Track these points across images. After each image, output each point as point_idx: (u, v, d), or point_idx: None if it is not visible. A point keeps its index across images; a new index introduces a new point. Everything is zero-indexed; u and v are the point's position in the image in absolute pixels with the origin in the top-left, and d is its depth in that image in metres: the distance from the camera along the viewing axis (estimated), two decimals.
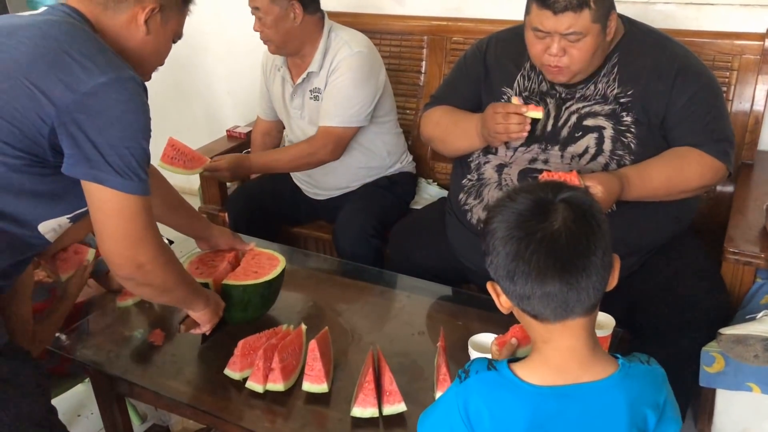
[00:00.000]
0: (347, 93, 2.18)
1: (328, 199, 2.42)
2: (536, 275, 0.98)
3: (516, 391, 1.03)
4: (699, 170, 1.72)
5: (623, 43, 1.78)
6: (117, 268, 1.31)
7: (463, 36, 2.53)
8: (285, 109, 2.38)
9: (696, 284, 1.75)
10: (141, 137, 1.25)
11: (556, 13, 1.61)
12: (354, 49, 2.21)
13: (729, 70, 2.16)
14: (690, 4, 2.26)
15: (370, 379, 1.42)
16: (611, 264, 1.02)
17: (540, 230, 0.98)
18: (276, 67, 2.38)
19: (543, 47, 1.69)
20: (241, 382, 1.52)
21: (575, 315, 1.01)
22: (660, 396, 1.08)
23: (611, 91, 1.76)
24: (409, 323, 1.74)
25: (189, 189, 3.59)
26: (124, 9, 1.33)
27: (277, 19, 2.16)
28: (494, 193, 1.86)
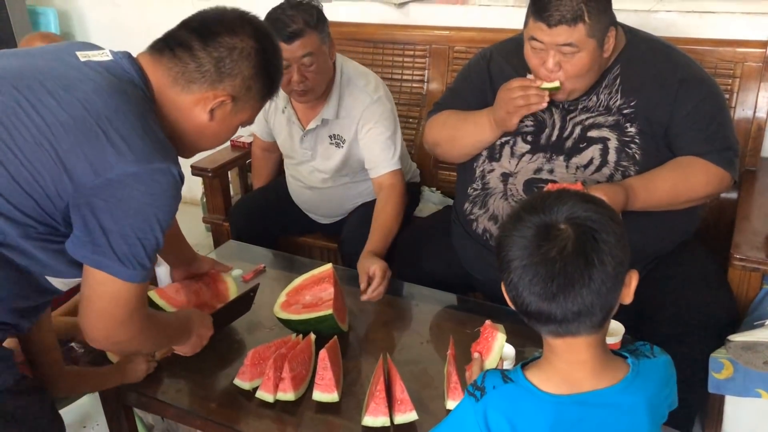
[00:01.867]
0: (385, 140, 2.13)
1: (333, 222, 2.42)
2: (532, 299, 1.00)
3: (536, 401, 1.04)
4: (704, 179, 1.73)
5: (625, 54, 1.78)
6: (92, 341, 1.27)
7: (466, 45, 2.54)
8: (291, 148, 2.31)
9: (703, 291, 1.75)
10: (158, 229, 1.19)
11: (551, 26, 1.62)
12: (373, 96, 2.14)
13: (731, 78, 2.17)
14: (692, 12, 2.27)
15: (381, 387, 1.42)
16: (622, 281, 1.02)
17: (538, 255, 0.99)
18: (279, 106, 2.28)
19: (539, 61, 1.70)
20: (251, 391, 1.52)
21: (579, 334, 1.02)
22: (672, 390, 1.12)
23: (614, 102, 1.77)
24: (417, 332, 1.74)
25: (191, 199, 3.59)
26: (195, 91, 1.27)
27: (327, 62, 2.07)
28: (499, 203, 1.87)
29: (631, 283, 1.04)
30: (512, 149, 1.86)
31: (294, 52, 1.98)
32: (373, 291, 1.77)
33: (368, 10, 2.80)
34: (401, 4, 2.72)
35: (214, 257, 2.19)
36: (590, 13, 1.61)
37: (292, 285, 1.79)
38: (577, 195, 1.05)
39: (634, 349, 1.13)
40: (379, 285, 1.78)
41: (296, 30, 1.96)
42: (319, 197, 2.37)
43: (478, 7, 2.60)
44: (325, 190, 2.34)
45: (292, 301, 1.73)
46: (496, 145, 1.88)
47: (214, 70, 1.27)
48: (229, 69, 1.27)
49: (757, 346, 1.56)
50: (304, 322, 1.66)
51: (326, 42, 2.06)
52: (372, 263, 1.83)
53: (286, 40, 1.95)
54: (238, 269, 2.03)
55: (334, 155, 2.24)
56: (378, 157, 2.14)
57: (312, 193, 2.37)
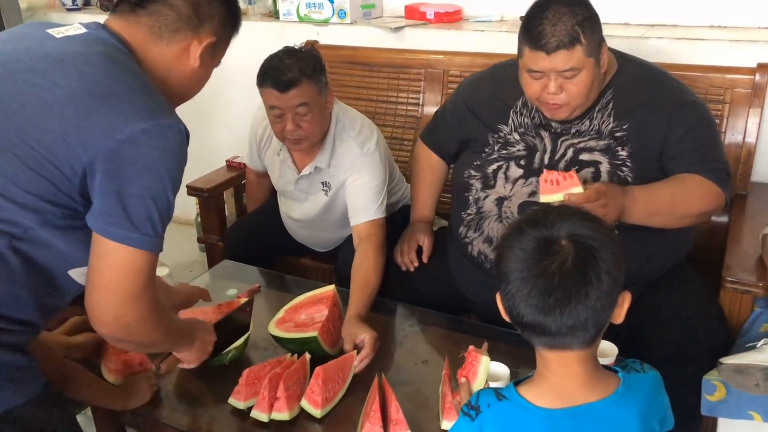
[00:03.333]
0: (371, 189, 2.08)
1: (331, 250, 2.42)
2: (529, 311, 1.02)
3: (530, 416, 1.05)
4: (701, 193, 1.74)
5: (617, 78, 1.80)
6: (100, 325, 1.21)
7: (460, 69, 2.57)
8: (284, 188, 2.30)
9: (695, 313, 1.76)
10: (170, 189, 1.19)
11: (550, 53, 1.63)
12: (364, 148, 2.09)
13: (721, 104, 2.21)
14: (683, 39, 2.32)
15: (376, 407, 1.43)
16: (615, 300, 1.04)
17: (537, 268, 1.01)
18: (274, 148, 2.26)
19: (540, 87, 1.71)
20: (245, 411, 1.52)
21: (572, 348, 1.04)
22: (662, 405, 1.13)
23: (606, 126, 1.78)
24: (412, 352, 1.75)
25: (185, 219, 3.59)
26: (180, 39, 1.29)
27: (323, 112, 2.03)
28: (494, 226, 1.88)
29: (623, 303, 1.07)
30: (506, 174, 1.87)
31: (288, 101, 1.95)
32: (362, 361, 1.64)
33: (364, 34, 2.83)
34: (397, 28, 2.76)
35: (208, 277, 2.21)
36: (585, 33, 1.63)
37: (292, 302, 1.79)
38: (579, 213, 1.07)
39: (624, 365, 1.15)
40: (367, 356, 1.65)
41: (291, 79, 1.93)
42: (313, 234, 2.37)
43: (472, 32, 2.64)
44: (319, 228, 2.33)
45: (287, 319, 1.74)
46: (489, 173, 1.90)
47: (194, 15, 1.30)
48: (207, 11, 1.31)
49: (749, 369, 1.56)
50: (290, 341, 1.67)
51: (323, 92, 2.02)
52: (360, 330, 1.70)
53: (282, 89, 1.93)
54: (233, 289, 2.04)
55: (327, 201, 2.22)
56: (360, 206, 2.08)
57: (306, 231, 2.38)
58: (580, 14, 1.64)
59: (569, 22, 1.62)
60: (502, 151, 1.89)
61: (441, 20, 2.77)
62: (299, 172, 2.21)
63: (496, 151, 1.90)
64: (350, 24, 2.86)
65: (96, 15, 3.57)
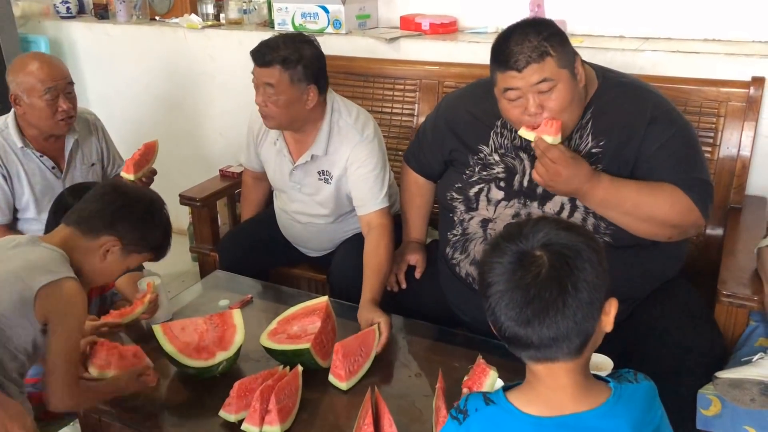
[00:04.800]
0: (374, 177, 2.15)
1: (324, 255, 2.42)
2: (509, 322, 1.03)
3: (517, 423, 1.05)
4: (671, 200, 1.68)
5: (596, 97, 1.76)
6: None
7: (455, 81, 2.57)
8: (281, 180, 2.32)
9: (690, 327, 1.75)
10: None
11: (521, 69, 1.61)
12: (363, 134, 2.15)
13: (716, 117, 2.21)
14: (677, 52, 2.32)
15: (369, 421, 1.41)
16: (599, 308, 1.04)
17: (513, 281, 1.02)
18: (271, 138, 2.30)
19: (520, 110, 1.67)
20: (236, 424, 1.50)
21: (558, 359, 1.04)
22: (656, 415, 1.12)
23: (585, 147, 1.75)
24: (406, 365, 1.73)
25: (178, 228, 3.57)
26: None
27: (291, 101, 2.07)
28: (480, 248, 1.86)
29: (610, 310, 1.06)
30: (488, 197, 1.85)
31: (260, 76, 2.08)
32: (382, 346, 1.77)
33: (359, 45, 2.83)
34: (392, 39, 2.76)
35: (200, 287, 2.19)
36: (553, 46, 1.61)
37: (285, 313, 1.78)
38: (555, 221, 1.08)
39: (618, 375, 1.14)
40: (386, 339, 1.79)
41: (267, 59, 2.05)
42: (308, 231, 2.36)
43: (467, 44, 2.64)
44: (313, 225, 2.33)
45: (279, 330, 1.72)
46: (471, 195, 1.88)
47: None
48: None
49: (745, 384, 1.56)
50: (282, 352, 1.65)
51: (297, 85, 2.06)
52: (374, 315, 1.84)
53: (258, 63, 2.07)
54: (225, 299, 2.02)
55: (323, 191, 2.24)
56: (366, 195, 2.15)
57: (301, 227, 2.37)
58: (545, 31, 1.63)
59: (535, 39, 1.61)
60: (482, 172, 1.87)
61: (436, 31, 2.77)
62: (294, 162, 2.23)
63: (477, 173, 1.87)
64: (345, 34, 2.86)
65: (90, 23, 3.56)
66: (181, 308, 2.01)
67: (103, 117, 2.59)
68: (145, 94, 3.50)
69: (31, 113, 2.19)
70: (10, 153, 2.23)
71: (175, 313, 1.97)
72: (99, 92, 3.64)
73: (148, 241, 1.62)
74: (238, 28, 3.19)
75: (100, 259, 1.56)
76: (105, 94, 3.62)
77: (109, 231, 1.56)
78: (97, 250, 1.56)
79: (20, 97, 2.17)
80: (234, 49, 3.15)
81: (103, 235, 1.55)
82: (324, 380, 1.65)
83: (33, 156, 2.26)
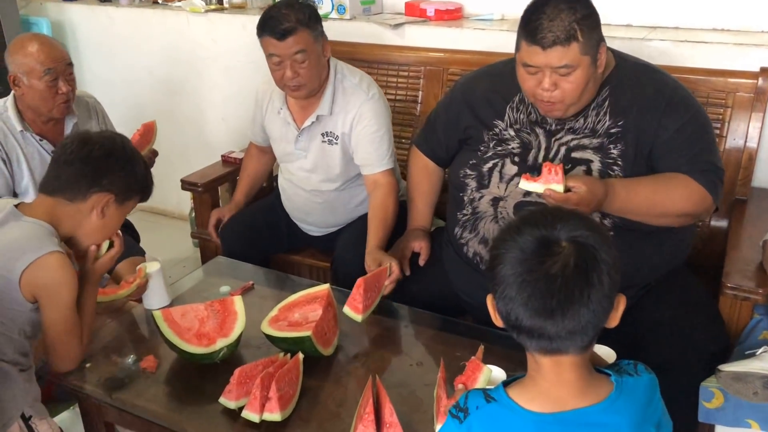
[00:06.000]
0: (381, 136, 2.20)
1: (326, 234, 2.41)
2: (528, 314, 1.00)
3: (519, 420, 1.04)
4: (685, 193, 1.71)
5: (613, 77, 1.79)
6: None
7: (460, 68, 2.55)
8: (285, 150, 2.34)
9: (694, 319, 1.74)
10: None
11: (545, 48, 1.62)
12: (369, 93, 2.20)
13: (723, 107, 2.19)
14: (685, 41, 2.30)
15: (370, 410, 1.40)
16: (612, 305, 1.03)
17: (538, 270, 0.99)
18: (275, 108, 2.32)
19: (535, 82, 1.70)
20: (236, 411, 1.49)
21: (567, 353, 1.02)
22: (657, 408, 1.11)
23: (601, 125, 1.77)
24: (407, 354, 1.72)
25: (180, 214, 3.56)
26: None
27: (318, 58, 2.12)
28: (490, 226, 1.86)
29: (619, 306, 1.05)
30: (501, 173, 1.86)
31: (286, 48, 2.05)
32: (392, 283, 1.90)
33: (363, 30, 2.81)
34: (397, 25, 2.73)
35: (201, 273, 2.18)
36: (582, 31, 1.62)
37: (286, 300, 1.77)
38: (576, 214, 1.06)
39: (618, 368, 1.12)
40: (397, 276, 1.91)
41: (288, 27, 2.04)
42: (312, 202, 2.36)
43: (473, 31, 2.62)
44: (319, 193, 2.33)
45: (281, 317, 1.71)
46: (484, 171, 1.88)
47: None
48: None
49: (748, 377, 1.55)
50: (283, 340, 1.64)
51: (319, 40, 2.12)
52: (383, 257, 1.97)
53: (279, 38, 2.04)
54: (226, 286, 2.01)
55: (329, 154, 2.26)
56: (372, 155, 2.20)
57: (305, 197, 2.36)
58: (580, 12, 1.63)
59: (567, 18, 1.61)
60: (497, 148, 1.88)
61: (441, 18, 2.74)
62: (299, 128, 2.25)
63: (492, 149, 1.88)
64: (350, 20, 2.83)
65: (92, 5, 3.54)
66: (181, 294, 2.00)
67: (104, 101, 2.57)
68: (146, 79, 3.48)
69: (30, 95, 2.17)
70: (9, 137, 2.22)
71: (176, 299, 1.96)
72: (100, 76, 3.61)
73: (137, 183, 1.61)
74: (241, 12, 3.17)
75: (98, 218, 1.55)
76: (106, 78, 3.60)
77: (97, 189, 1.53)
78: (90, 211, 1.54)
79: (20, 78, 2.15)
80: (237, 33, 3.13)
81: (93, 195, 1.53)
82: (325, 369, 1.65)
83: (33, 140, 2.25)
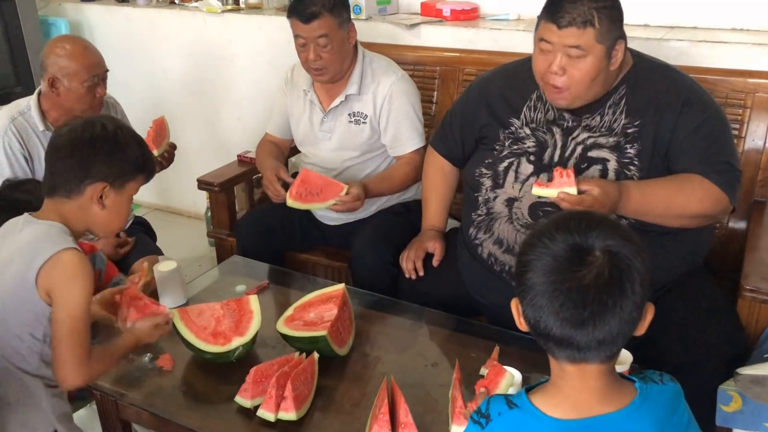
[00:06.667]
0: (412, 116, 2.29)
1: (341, 225, 2.41)
2: (559, 324, 0.98)
3: (542, 427, 1.02)
4: (700, 194, 1.70)
5: (631, 75, 1.79)
6: None
7: (476, 68, 2.54)
8: (311, 133, 2.38)
9: (711, 322, 1.73)
10: None
11: (561, 27, 1.65)
12: (398, 74, 2.30)
13: (742, 108, 2.16)
14: (704, 41, 2.28)
15: (385, 410, 1.40)
16: (641, 315, 1.02)
17: (571, 279, 0.98)
18: (303, 91, 2.38)
19: (546, 64, 1.71)
20: (252, 410, 1.50)
21: (593, 362, 1.01)
22: (682, 419, 1.09)
23: (617, 124, 1.76)
24: (422, 354, 1.72)
25: (195, 213, 3.58)
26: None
27: (342, 43, 2.19)
28: (505, 227, 1.86)
29: (647, 315, 1.03)
30: (516, 173, 1.85)
31: (311, 31, 2.14)
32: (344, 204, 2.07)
33: (379, 30, 2.81)
34: (412, 25, 2.73)
35: (216, 272, 2.20)
36: (600, 19, 1.64)
37: (301, 300, 1.78)
38: (609, 221, 1.05)
39: (642, 375, 1.11)
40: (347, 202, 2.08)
41: (314, 11, 2.12)
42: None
43: (489, 31, 2.61)
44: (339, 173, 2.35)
45: (296, 317, 1.72)
46: (500, 170, 1.88)
47: None
48: None
49: (767, 380, 1.53)
50: (298, 339, 1.65)
51: (344, 27, 2.20)
52: (355, 186, 2.11)
53: (304, 21, 2.13)
54: (242, 285, 2.02)
55: (355, 135, 2.31)
56: (404, 136, 2.28)
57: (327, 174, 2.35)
58: (602, 1, 1.64)
59: (588, 4, 1.63)
60: (513, 146, 1.87)
61: (457, 18, 2.74)
62: (325, 111, 2.32)
63: (507, 147, 1.88)
64: (365, 20, 2.83)
65: (110, 6, 3.56)
66: (197, 293, 2.01)
67: (121, 100, 2.60)
68: (163, 79, 3.50)
69: (67, 97, 2.19)
70: (32, 135, 2.24)
71: (192, 298, 1.97)
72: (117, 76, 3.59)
73: (131, 165, 1.53)
74: (257, 13, 3.18)
75: (100, 208, 1.50)
76: (123, 78, 3.61)
77: (88, 181, 1.48)
78: (90, 202, 1.49)
79: (59, 80, 2.17)
80: (253, 33, 3.14)
81: (87, 187, 1.48)
82: (340, 369, 1.65)
83: None
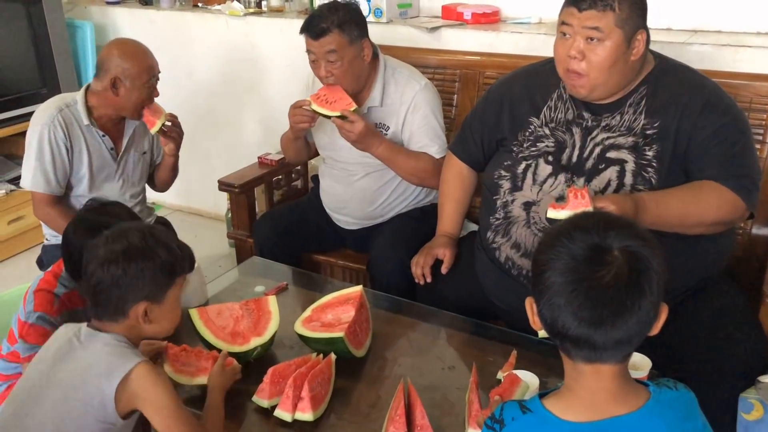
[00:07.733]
0: (434, 125, 2.28)
1: (359, 229, 2.41)
2: (577, 323, 0.99)
3: (555, 430, 1.02)
4: (716, 203, 1.68)
5: (652, 76, 1.78)
6: None
7: (496, 71, 2.53)
8: (333, 141, 2.36)
9: (733, 328, 1.71)
10: None
11: (581, 10, 1.67)
12: (421, 83, 2.28)
13: (766, 113, 2.14)
14: (727, 45, 2.26)
15: (401, 412, 1.41)
16: (657, 315, 1.03)
17: (590, 279, 0.98)
18: None
19: (565, 49, 1.72)
20: (269, 410, 1.51)
21: (608, 362, 1.02)
22: (695, 426, 1.08)
23: (637, 123, 1.76)
24: (439, 357, 1.72)
25: (216, 214, 3.61)
26: None
27: (353, 61, 2.17)
28: (522, 231, 1.85)
29: (661, 315, 1.05)
30: (534, 175, 1.85)
31: (319, 48, 2.15)
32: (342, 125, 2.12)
33: (400, 34, 2.82)
34: (433, 28, 2.73)
35: (236, 273, 2.22)
36: (621, 3, 1.66)
37: (319, 301, 1.78)
38: (627, 221, 1.06)
39: (656, 381, 1.11)
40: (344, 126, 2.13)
41: (322, 28, 2.12)
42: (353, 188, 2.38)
43: (510, 34, 2.61)
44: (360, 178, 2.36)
45: (314, 318, 1.73)
46: (518, 172, 1.88)
47: None
48: None
49: None
50: (316, 340, 1.66)
51: (355, 43, 2.17)
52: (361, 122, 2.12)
53: (314, 37, 2.14)
54: (261, 286, 2.04)
55: None
56: (426, 143, 2.26)
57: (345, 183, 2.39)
58: None
59: None
60: (531, 148, 1.87)
61: (478, 21, 2.74)
62: None
63: (526, 149, 1.88)
64: (386, 23, 2.84)
65: (134, 9, 3.61)
66: (217, 293, 2.03)
67: None
68: (186, 81, 3.53)
69: (126, 97, 2.22)
70: (75, 127, 2.27)
71: (211, 298, 1.99)
72: None
73: (164, 273, 1.39)
74: (279, 16, 3.20)
75: (146, 323, 1.40)
76: None
77: (128, 304, 1.38)
78: (137, 322, 1.40)
79: (122, 81, 2.20)
80: (275, 36, 3.16)
81: (129, 311, 1.38)
82: (357, 370, 1.65)
83: (96, 134, 2.30)
